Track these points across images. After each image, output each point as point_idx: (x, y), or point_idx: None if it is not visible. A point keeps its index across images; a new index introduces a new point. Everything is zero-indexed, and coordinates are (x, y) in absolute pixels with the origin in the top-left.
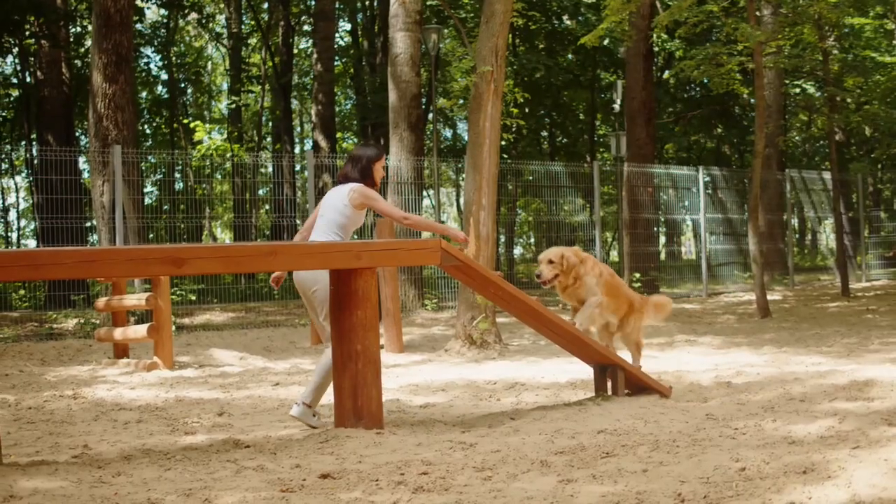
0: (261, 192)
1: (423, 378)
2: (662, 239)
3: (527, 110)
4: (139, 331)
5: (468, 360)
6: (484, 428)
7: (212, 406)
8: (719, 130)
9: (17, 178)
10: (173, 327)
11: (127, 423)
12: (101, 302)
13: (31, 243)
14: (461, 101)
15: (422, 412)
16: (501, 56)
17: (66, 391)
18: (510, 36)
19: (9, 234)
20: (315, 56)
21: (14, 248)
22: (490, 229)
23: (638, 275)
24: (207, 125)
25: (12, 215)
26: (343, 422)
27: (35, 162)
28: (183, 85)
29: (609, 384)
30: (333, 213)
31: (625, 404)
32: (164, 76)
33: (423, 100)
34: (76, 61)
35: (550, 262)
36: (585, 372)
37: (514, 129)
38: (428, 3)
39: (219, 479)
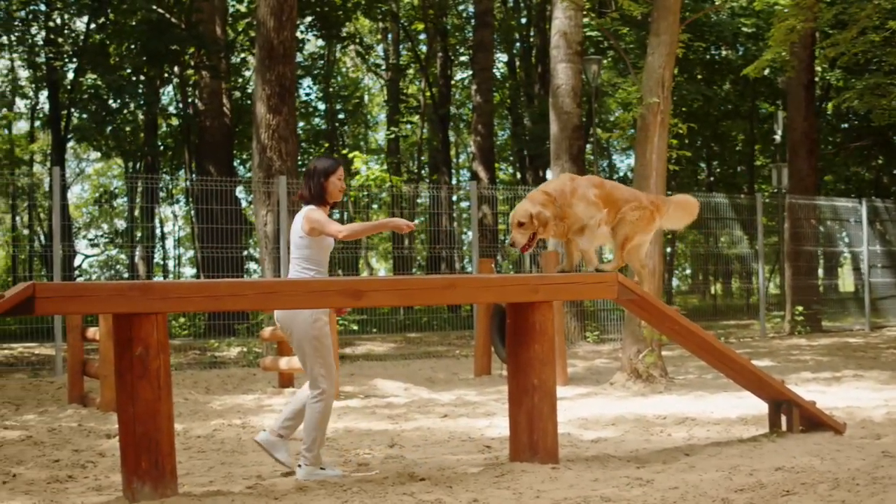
0: (416, 222)
1: (591, 412)
2: (820, 272)
3: (686, 141)
4: None
5: (634, 394)
6: (658, 464)
7: (382, 437)
8: (879, 161)
9: (175, 207)
10: None
11: (298, 454)
12: (266, 331)
13: (188, 271)
14: (622, 132)
15: (594, 447)
16: (668, 87)
17: (234, 420)
18: None
19: (166, 261)
20: (474, 87)
21: (171, 276)
22: (657, 262)
23: (800, 308)
24: (365, 156)
25: (170, 243)
26: (518, 456)
27: (195, 191)
28: (341, 116)
29: (783, 420)
30: (296, 248)
31: (799, 441)
32: (322, 107)
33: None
34: (235, 92)
35: (520, 224)
36: (754, 406)
37: (673, 160)
38: (587, 34)
39: None
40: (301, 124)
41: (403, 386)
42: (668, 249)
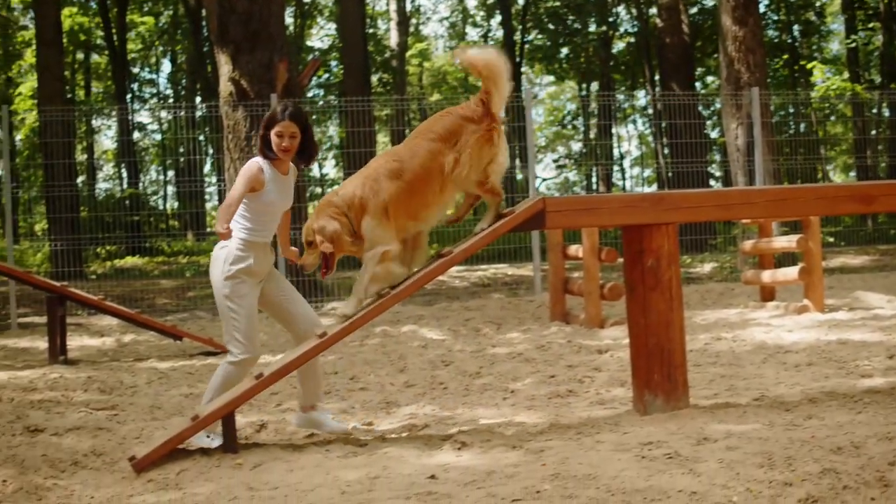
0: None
1: None
2: None
3: None
4: (789, 273)
5: None
6: None
7: (877, 349)
8: None
9: (630, 126)
10: None
11: (798, 366)
12: (747, 245)
13: (645, 190)
14: None
15: None
16: None
17: (723, 334)
18: None
19: (624, 181)
20: None
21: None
22: None
23: None
24: (823, 66)
25: (626, 163)
26: None
27: (658, 108)
28: (798, 27)
29: None
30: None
31: None
32: (774, 17)
33: None
34: (690, 7)
35: (309, 244)
36: None
37: None
38: None
39: None
40: None
41: (886, 298)
42: None
